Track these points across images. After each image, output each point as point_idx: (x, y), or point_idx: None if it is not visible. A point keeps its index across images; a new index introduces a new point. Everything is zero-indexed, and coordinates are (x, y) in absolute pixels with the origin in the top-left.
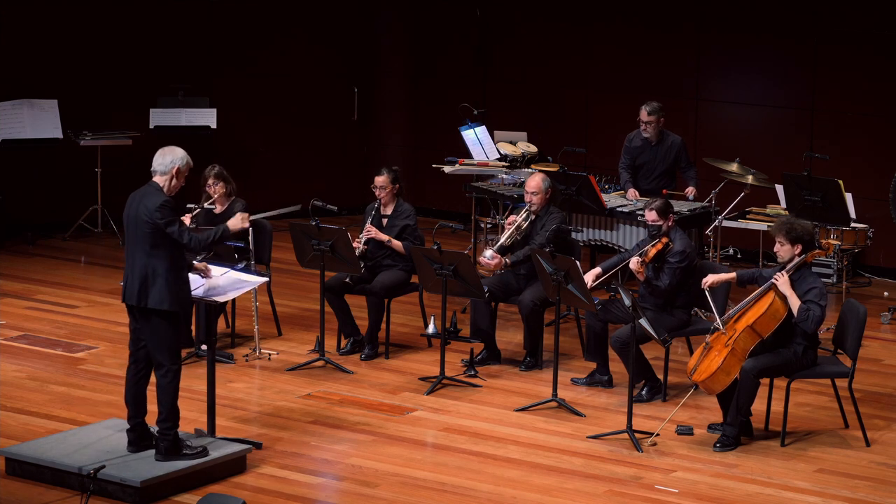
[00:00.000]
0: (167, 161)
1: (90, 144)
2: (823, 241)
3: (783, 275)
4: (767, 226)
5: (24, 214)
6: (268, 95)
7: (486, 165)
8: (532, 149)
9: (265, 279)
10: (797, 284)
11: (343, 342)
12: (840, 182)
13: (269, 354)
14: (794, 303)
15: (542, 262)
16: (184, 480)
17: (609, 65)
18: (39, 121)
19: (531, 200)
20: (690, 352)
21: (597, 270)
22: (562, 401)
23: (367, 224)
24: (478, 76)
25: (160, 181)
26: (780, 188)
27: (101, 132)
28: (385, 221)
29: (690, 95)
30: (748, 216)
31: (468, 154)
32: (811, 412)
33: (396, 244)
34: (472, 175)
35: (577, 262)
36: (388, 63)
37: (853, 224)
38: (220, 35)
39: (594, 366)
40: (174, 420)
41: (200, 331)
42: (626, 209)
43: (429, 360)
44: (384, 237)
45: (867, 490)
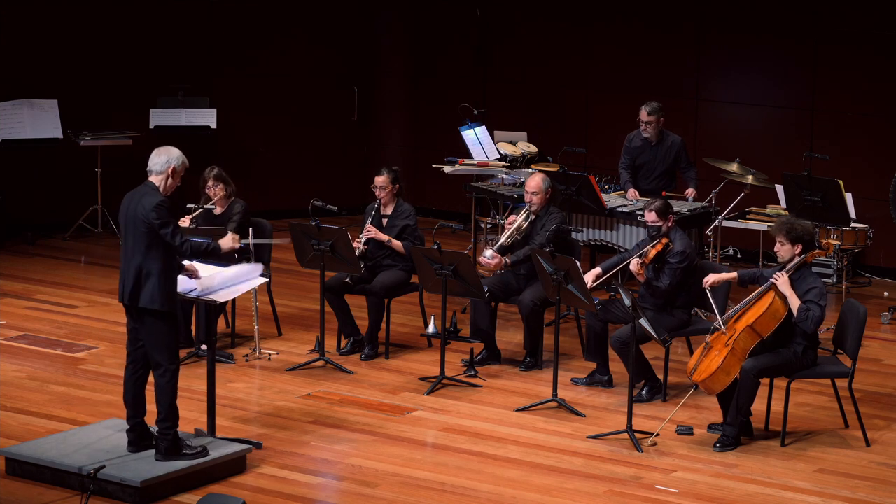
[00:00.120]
0: (163, 161)
1: (90, 144)
2: (823, 241)
3: (783, 275)
4: (767, 226)
5: (24, 214)
6: (268, 95)
7: (486, 165)
8: (532, 149)
9: (265, 279)
10: (797, 284)
11: (343, 342)
12: (840, 182)
13: (269, 354)
14: (794, 303)
15: (542, 262)
16: (184, 480)
17: (609, 65)
18: (39, 121)
19: (531, 200)
20: (690, 352)
21: (597, 271)
22: (562, 401)
23: (367, 224)
24: (478, 76)
25: (156, 181)
26: (780, 188)
27: (101, 132)
28: (385, 221)
29: (690, 95)
30: (748, 216)
31: (468, 154)
32: (811, 412)
33: (396, 244)
34: (472, 175)
35: (577, 262)
36: (388, 63)
37: (853, 224)
38: (220, 35)
39: (594, 366)
40: (173, 420)
41: (200, 331)
42: (626, 209)
43: (429, 360)
44: (384, 237)
45: (867, 490)
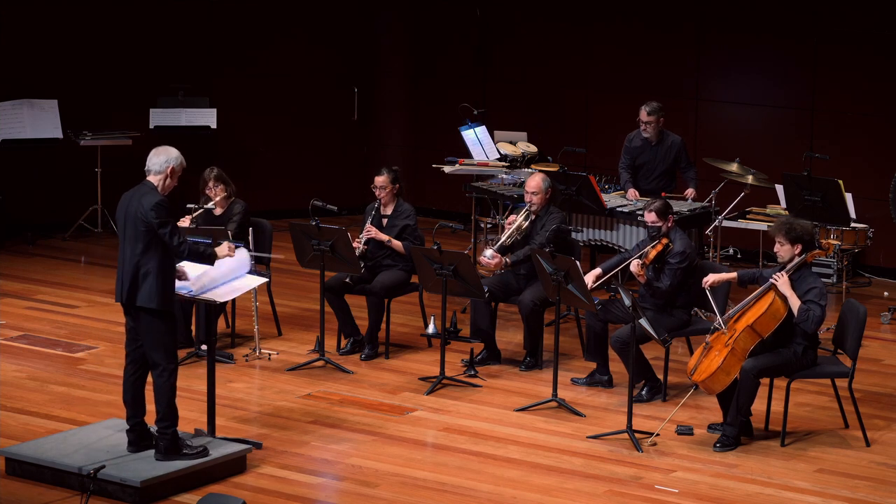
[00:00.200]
0: (161, 161)
1: (90, 144)
2: (823, 241)
3: (783, 275)
4: (767, 226)
5: (24, 214)
6: (268, 95)
7: (486, 165)
8: (532, 149)
9: (265, 279)
10: (797, 284)
11: (343, 342)
12: (840, 182)
13: (269, 354)
14: (795, 303)
15: (542, 262)
16: (184, 480)
17: (609, 65)
18: (39, 121)
19: (531, 200)
20: (690, 352)
21: (597, 271)
22: (562, 401)
23: (367, 224)
24: (478, 76)
25: (154, 181)
26: (780, 188)
27: (101, 132)
28: (385, 221)
29: (690, 95)
30: (748, 216)
31: (468, 154)
32: (811, 412)
33: (396, 244)
34: (472, 175)
35: (577, 262)
36: (388, 63)
37: (853, 224)
38: (220, 35)
39: (594, 366)
40: (172, 419)
41: (200, 331)
42: (626, 209)
43: (429, 360)
44: (384, 237)
45: (867, 490)
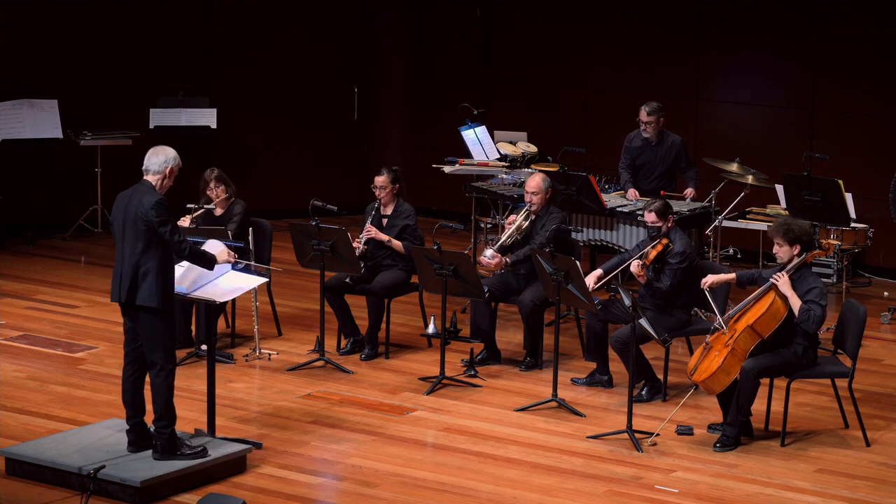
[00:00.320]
0: (160, 161)
1: (90, 144)
2: (823, 241)
3: (784, 275)
4: (767, 226)
5: (24, 214)
6: (268, 95)
7: (486, 165)
8: (532, 149)
9: (265, 279)
10: (797, 284)
11: (343, 342)
12: (840, 182)
13: (269, 354)
14: (795, 303)
15: (542, 262)
16: (184, 480)
17: (609, 65)
18: (39, 121)
19: (531, 200)
20: (690, 352)
21: (598, 272)
22: (562, 401)
23: (367, 224)
24: (478, 76)
25: (153, 180)
26: (780, 188)
27: (101, 132)
28: (385, 221)
29: (690, 95)
30: (748, 216)
31: (468, 154)
32: (811, 412)
33: (396, 244)
34: (472, 175)
35: (577, 262)
36: (388, 63)
37: (853, 224)
38: (220, 35)
39: (594, 366)
40: (169, 419)
41: (200, 331)
42: (626, 209)
43: (429, 360)
44: (384, 237)
45: (867, 490)
